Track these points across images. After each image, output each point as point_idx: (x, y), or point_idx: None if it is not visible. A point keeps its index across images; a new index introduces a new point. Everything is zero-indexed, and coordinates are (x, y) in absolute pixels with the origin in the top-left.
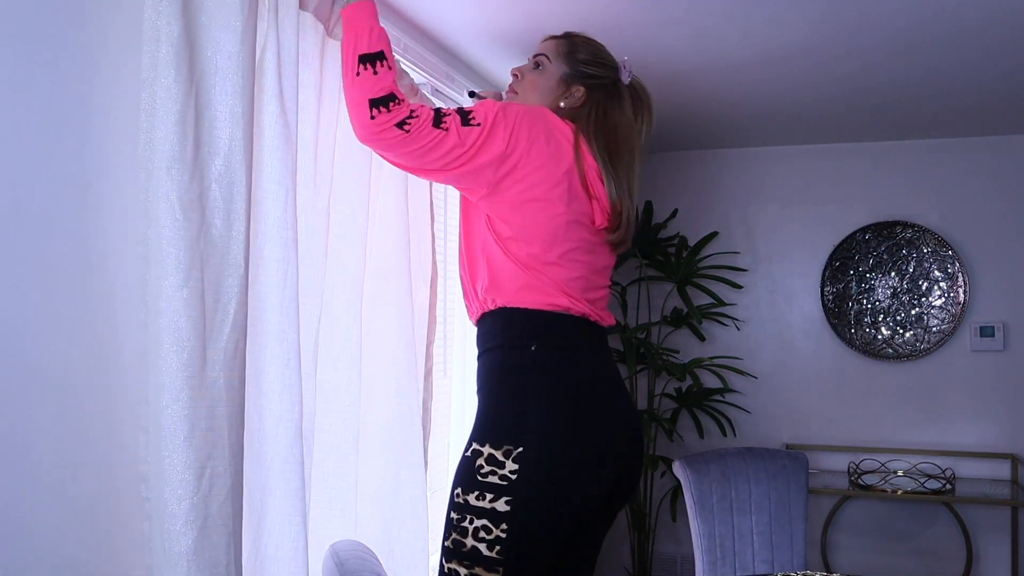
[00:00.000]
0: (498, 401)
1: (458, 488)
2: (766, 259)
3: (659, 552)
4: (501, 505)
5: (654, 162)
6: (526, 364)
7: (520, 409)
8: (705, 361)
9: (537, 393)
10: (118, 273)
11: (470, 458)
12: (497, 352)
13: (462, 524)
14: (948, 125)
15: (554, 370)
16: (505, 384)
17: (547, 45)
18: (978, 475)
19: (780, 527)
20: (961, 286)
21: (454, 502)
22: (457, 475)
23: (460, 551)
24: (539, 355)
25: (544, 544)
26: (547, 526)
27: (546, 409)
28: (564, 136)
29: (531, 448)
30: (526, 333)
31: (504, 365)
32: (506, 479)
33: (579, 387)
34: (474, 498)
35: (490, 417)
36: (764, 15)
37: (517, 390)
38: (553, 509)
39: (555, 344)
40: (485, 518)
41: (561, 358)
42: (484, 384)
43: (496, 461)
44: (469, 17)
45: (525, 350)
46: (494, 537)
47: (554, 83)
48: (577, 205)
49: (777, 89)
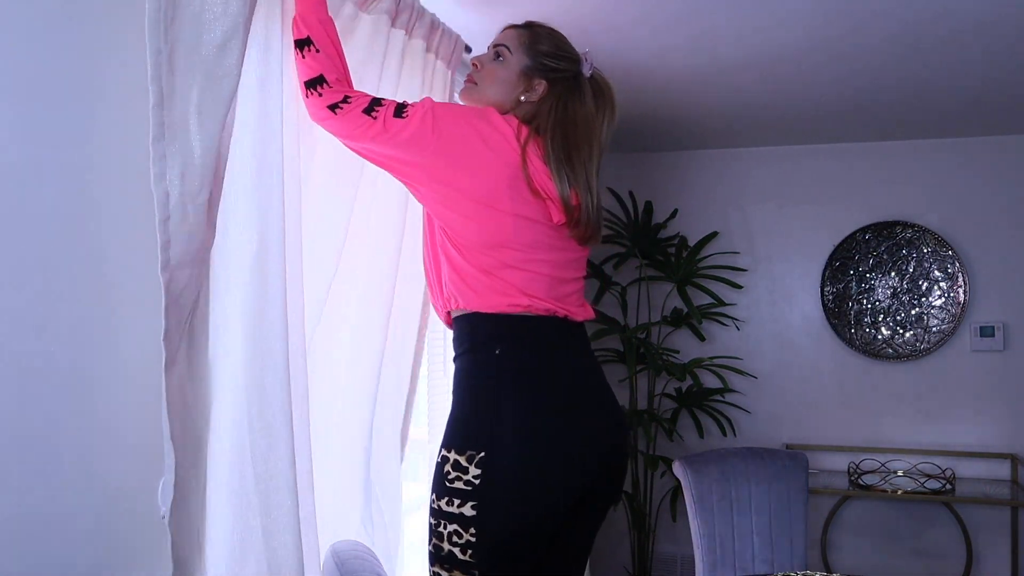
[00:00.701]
0: (464, 407)
1: (432, 494)
2: (766, 259)
3: (659, 552)
4: (468, 510)
5: (654, 162)
6: (492, 367)
7: (484, 414)
8: (705, 361)
9: (504, 397)
10: (124, 272)
11: (440, 464)
12: (466, 356)
13: (439, 529)
14: (948, 125)
15: (521, 372)
16: (471, 389)
17: (508, 35)
18: (978, 475)
19: (780, 527)
20: (961, 286)
21: (431, 508)
22: (432, 481)
23: (440, 555)
24: (504, 358)
25: (516, 547)
26: (514, 529)
27: (510, 414)
28: (505, 138)
29: (493, 453)
30: (490, 336)
31: (471, 370)
32: (470, 484)
33: (550, 388)
34: (444, 504)
35: (457, 422)
36: (764, 15)
37: (483, 394)
38: (519, 512)
39: (520, 345)
40: (455, 523)
41: (528, 359)
42: (454, 389)
43: (460, 467)
44: (470, 19)
45: (490, 353)
46: (465, 541)
47: (515, 76)
48: (526, 206)
49: (777, 89)
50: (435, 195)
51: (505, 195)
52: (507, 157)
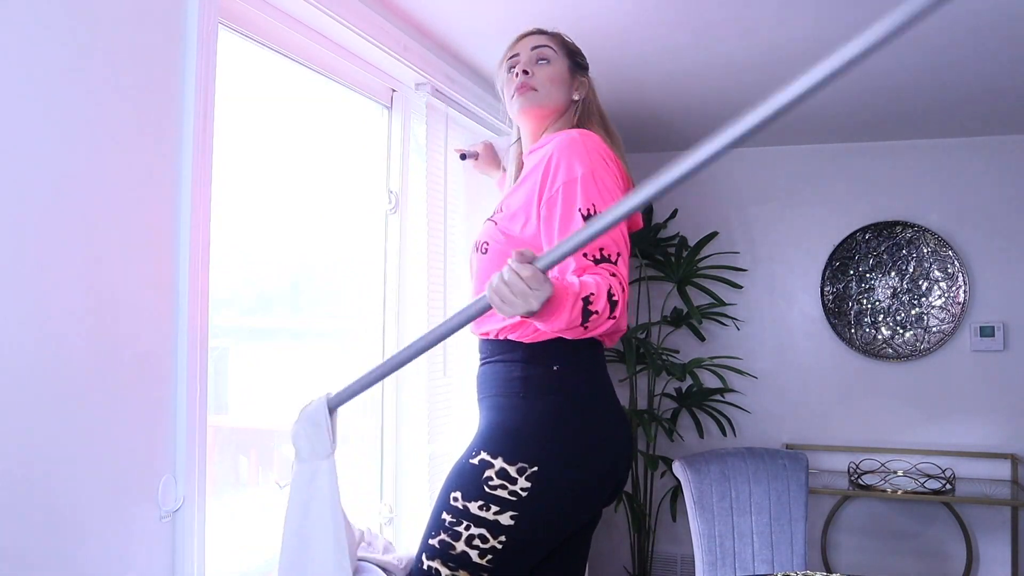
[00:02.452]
0: (517, 416)
1: (457, 492)
2: (766, 259)
3: (659, 552)
4: (505, 519)
5: (654, 162)
6: (548, 383)
7: (540, 429)
8: (705, 361)
9: (560, 414)
10: (125, 272)
11: (478, 467)
12: (517, 365)
13: (456, 528)
14: (948, 125)
15: (575, 391)
16: (526, 400)
17: (537, 39)
18: (978, 475)
19: (780, 527)
20: (961, 286)
21: (450, 505)
22: (457, 479)
23: (447, 552)
24: (561, 375)
25: (531, 556)
26: (542, 541)
27: (567, 433)
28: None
29: (546, 469)
30: (548, 352)
31: (526, 380)
32: (516, 495)
33: (595, 409)
34: (476, 507)
35: (508, 431)
36: (764, 14)
37: (541, 408)
38: (552, 527)
39: (577, 365)
40: (484, 528)
41: (581, 379)
42: (499, 394)
43: (508, 476)
44: (467, 16)
45: (548, 369)
46: (489, 547)
47: (567, 74)
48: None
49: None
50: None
51: None
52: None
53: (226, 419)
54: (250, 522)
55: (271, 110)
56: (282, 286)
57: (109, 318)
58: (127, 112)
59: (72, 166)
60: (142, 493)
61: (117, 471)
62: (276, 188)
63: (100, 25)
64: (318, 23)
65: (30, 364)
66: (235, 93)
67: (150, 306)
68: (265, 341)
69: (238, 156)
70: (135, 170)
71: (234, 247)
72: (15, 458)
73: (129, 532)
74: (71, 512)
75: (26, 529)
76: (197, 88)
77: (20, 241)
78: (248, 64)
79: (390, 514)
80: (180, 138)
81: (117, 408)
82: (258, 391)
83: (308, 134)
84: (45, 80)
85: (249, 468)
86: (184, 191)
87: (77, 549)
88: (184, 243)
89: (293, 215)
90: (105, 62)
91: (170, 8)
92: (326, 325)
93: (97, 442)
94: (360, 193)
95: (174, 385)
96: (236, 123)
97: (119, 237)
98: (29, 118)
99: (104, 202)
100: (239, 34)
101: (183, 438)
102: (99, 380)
